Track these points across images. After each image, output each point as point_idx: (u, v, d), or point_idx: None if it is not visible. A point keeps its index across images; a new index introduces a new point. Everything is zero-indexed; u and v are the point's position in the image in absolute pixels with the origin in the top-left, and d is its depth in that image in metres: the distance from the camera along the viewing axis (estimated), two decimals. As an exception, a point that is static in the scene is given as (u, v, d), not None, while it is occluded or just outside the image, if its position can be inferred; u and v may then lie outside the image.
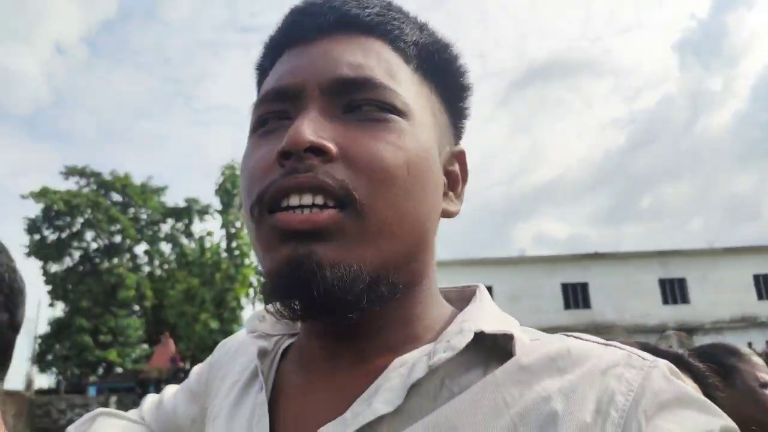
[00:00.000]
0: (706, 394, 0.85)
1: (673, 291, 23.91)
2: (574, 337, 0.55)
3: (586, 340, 0.55)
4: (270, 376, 0.63)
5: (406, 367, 0.52)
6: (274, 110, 0.57)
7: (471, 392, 0.50)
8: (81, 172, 31.66)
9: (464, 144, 0.67)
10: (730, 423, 0.46)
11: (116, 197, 31.92)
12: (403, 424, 0.50)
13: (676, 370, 0.50)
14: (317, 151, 0.52)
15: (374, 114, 0.55)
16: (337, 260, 0.50)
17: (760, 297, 23.62)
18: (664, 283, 23.85)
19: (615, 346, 0.53)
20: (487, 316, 0.57)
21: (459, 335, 0.53)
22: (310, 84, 0.56)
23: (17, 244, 29.42)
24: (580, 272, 24.02)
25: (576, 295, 24.17)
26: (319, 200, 0.51)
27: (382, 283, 0.53)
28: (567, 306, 23.87)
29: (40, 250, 31.02)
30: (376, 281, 0.52)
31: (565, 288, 24.16)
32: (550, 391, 0.48)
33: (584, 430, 0.45)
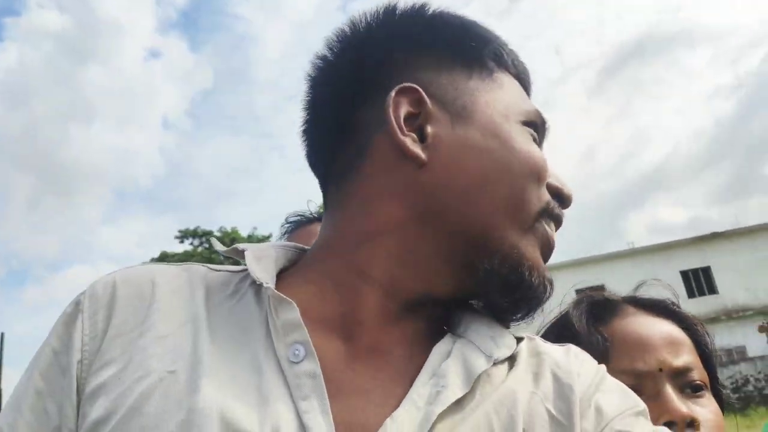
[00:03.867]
0: (695, 341, 0.93)
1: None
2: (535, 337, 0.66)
3: (543, 341, 0.65)
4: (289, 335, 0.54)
5: (458, 355, 0.56)
6: (537, 128, 0.66)
7: (511, 380, 0.57)
8: (193, 233, 33.69)
9: (557, 143, 0.87)
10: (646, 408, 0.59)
11: (227, 252, 33.78)
12: (470, 408, 0.53)
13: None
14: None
15: None
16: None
17: None
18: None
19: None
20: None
21: (502, 335, 0.60)
22: None
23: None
24: (700, 256, 22.56)
25: (699, 282, 22.68)
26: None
27: None
28: (690, 294, 22.34)
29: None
30: None
31: (686, 275, 22.69)
32: (552, 371, 0.59)
33: (572, 389, 0.56)
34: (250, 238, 34.27)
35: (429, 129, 0.61)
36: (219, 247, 0.65)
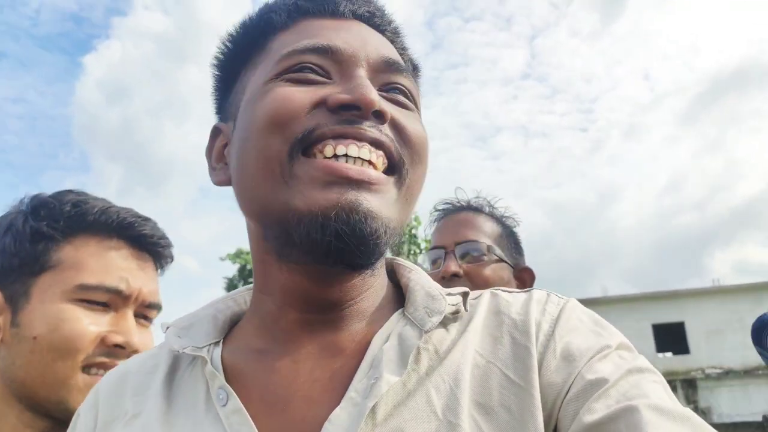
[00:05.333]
0: None
1: None
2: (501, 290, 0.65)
3: (510, 291, 0.65)
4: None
5: (395, 335, 0.57)
6: (314, 63, 0.60)
7: (459, 348, 0.57)
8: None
9: (643, 171, 0.78)
10: (625, 339, 0.57)
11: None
12: (410, 390, 0.54)
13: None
14: (378, 114, 0.58)
15: (405, 100, 0.63)
16: (379, 214, 0.55)
17: None
18: None
19: (537, 290, 0.64)
20: (431, 281, 0.64)
21: (434, 301, 0.59)
22: (361, 54, 0.61)
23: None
24: (792, 299, 21.13)
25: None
26: (374, 157, 0.57)
27: (389, 244, 0.59)
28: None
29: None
30: (389, 241, 0.58)
31: (776, 318, 21.16)
32: (509, 334, 0.58)
33: (528, 351, 0.56)
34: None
35: (226, 150, 0.67)
36: (161, 327, 0.70)
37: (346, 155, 0.56)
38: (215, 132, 0.69)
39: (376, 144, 0.58)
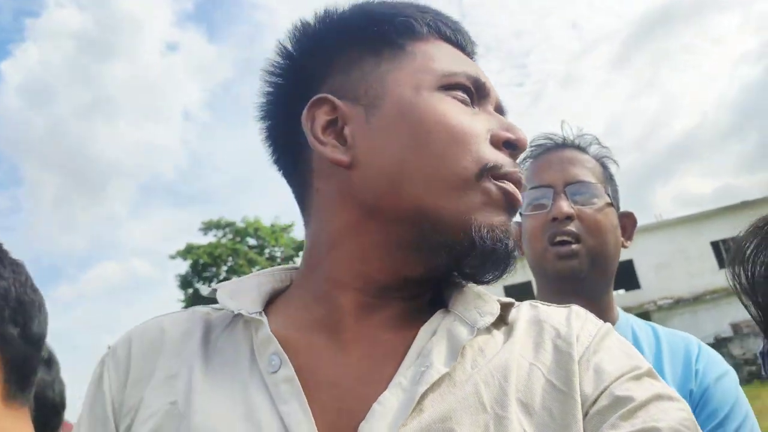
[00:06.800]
0: None
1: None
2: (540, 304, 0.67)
3: (548, 305, 0.67)
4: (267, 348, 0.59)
5: (443, 330, 0.59)
6: (469, 90, 0.65)
7: (505, 348, 0.59)
8: (217, 225, 33.79)
9: (581, 119, 0.71)
10: (652, 367, 0.59)
11: (251, 241, 33.87)
12: (457, 381, 0.55)
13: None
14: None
15: None
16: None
17: None
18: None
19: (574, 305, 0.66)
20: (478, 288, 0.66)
21: (484, 302, 0.62)
22: (493, 94, 0.69)
23: (175, 300, 32.19)
24: (730, 226, 22.22)
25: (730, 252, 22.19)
26: None
27: None
28: (722, 265, 21.97)
29: (195, 302, 33.55)
30: None
31: (716, 246, 22.15)
32: (552, 341, 0.60)
33: (571, 357, 0.58)
34: (273, 227, 34.75)
35: (346, 130, 0.64)
36: (203, 290, 0.70)
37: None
38: (320, 102, 0.65)
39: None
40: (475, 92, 0.66)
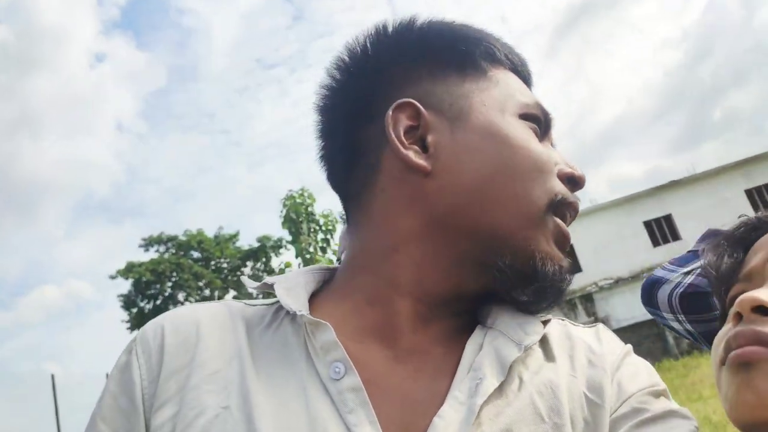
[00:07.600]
0: None
1: (762, 198, 21.75)
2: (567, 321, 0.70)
3: (574, 324, 0.69)
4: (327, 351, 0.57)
5: (489, 345, 0.59)
6: (540, 120, 0.67)
7: (549, 363, 0.60)
8: (158, 240, 32.92)
9: None
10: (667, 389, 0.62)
11: (195, 254, 33.16)
12: (511, 393, 0.56)
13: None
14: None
15: None
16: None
17: None
18: (751, 193, 21.89)
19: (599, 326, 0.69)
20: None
21: (526, 321, 0.62)
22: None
23: (119, 321, 31.06)
24: (660, 205, 23.10)
25: (662, 230, 22.87)
26: None
27: None
28: (655, 243, 22.85)
29: (140, 322, 32.35)
30: None
31: (649, 225, 22.79)
32: (585, 356, 0.63)
33: (605, 371, 0.61)
34: (217, 238, 34.06)
35: (429, 138, 0.64)
36: (249, 284, 0.68)
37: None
38: (404, 106, 0.65)
39: None
40: (544, 125, 0.68)
